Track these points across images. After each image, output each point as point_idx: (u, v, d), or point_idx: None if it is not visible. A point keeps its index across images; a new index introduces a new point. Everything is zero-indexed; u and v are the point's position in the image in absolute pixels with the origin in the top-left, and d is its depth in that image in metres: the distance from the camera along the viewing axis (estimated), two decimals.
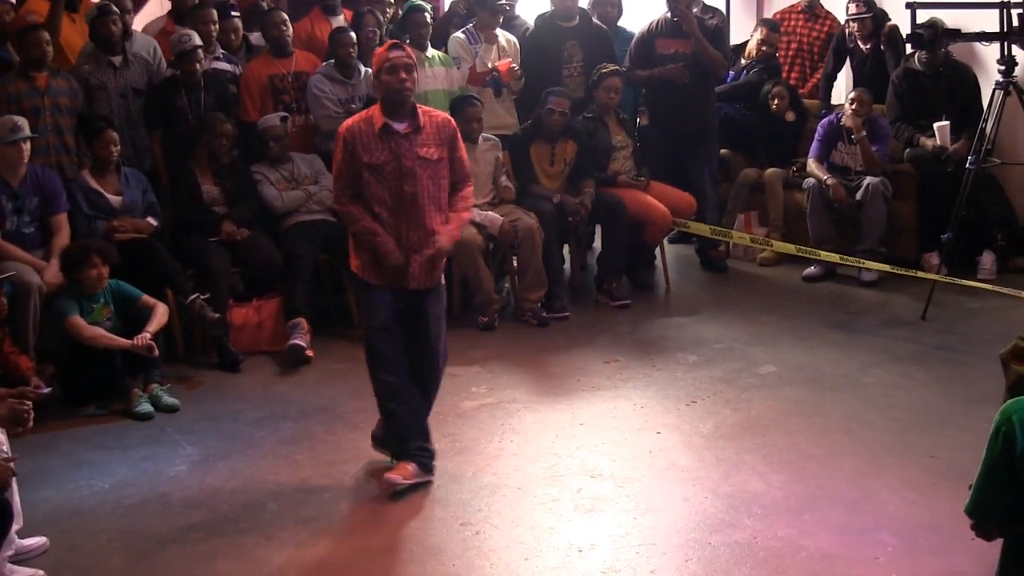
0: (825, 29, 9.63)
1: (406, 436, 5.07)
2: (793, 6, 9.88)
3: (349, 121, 5.06)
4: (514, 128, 8.02)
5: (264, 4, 8.77)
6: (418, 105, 5.06)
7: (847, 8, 8.89)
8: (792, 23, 9.72)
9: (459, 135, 5.15)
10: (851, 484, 4.86)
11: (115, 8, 7.44)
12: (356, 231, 5.03)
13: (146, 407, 6.05)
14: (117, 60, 7.44)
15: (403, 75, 4.92)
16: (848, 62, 9.16)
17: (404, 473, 4.97)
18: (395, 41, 5.20)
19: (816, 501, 4.71)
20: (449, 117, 5.21)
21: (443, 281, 5.27)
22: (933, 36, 7.92)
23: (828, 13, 9.72)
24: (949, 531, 4.28)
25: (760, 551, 4.31)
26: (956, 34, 7.47)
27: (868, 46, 8.88)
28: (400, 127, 4.95)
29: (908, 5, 7.04)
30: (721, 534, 4.46)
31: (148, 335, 6.15)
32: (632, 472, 5.07)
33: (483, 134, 7.62)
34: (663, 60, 8.29)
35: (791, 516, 4.58)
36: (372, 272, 5.04)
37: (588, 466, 5.15)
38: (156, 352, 6.23)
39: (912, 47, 8.13)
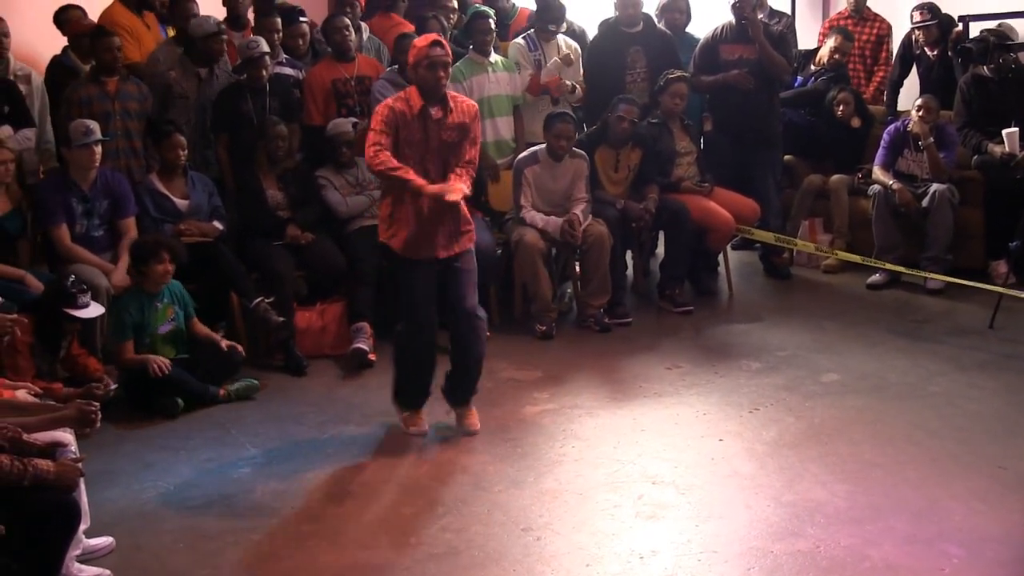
0: (875, 32, 9.62)
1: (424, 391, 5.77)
2: (840, 12, 9.91)
3: (390, 100, 5.46)
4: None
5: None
6: (448, 92, 5.47)
7: (911, 16, 8.83)
8: None
9: (478, 124, 5.59)
10: (916, 494, 4.81)
11: (223, 26, 7.64)
12: (392, 174, 5.34)
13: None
14: (204, 72, 7.57)
15: (441, 73, 5.36)
16: (915, 68, 9.08)
17: (421, 422, 5.76)
18: (436, 37, 5.48)
19: (880, 511, 4.67)
20: (474, 105, 5.61)
21: (471, 246, 5.66)
22: (983, 50, 7.87)
23: (876, 15, 9.71)
24: (1018, 542, 4.24)
25: (823, 560, 4.28)
26: (1008, 47, 7.41)
27: (935, 52, 8.81)
28: (435, 112, 5.41)
29: (960, 19, 6.99)
30: (784, 543, 4.43)
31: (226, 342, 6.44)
32: (694, 479, 5.06)
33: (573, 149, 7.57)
34: (728, 66, 8.26)
35: (854, 526, 4.54)
36: (404, 244, 5.46)
37: (650, 472, 5.14)
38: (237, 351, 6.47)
39: (962, 62, 8.09)
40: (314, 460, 5.47)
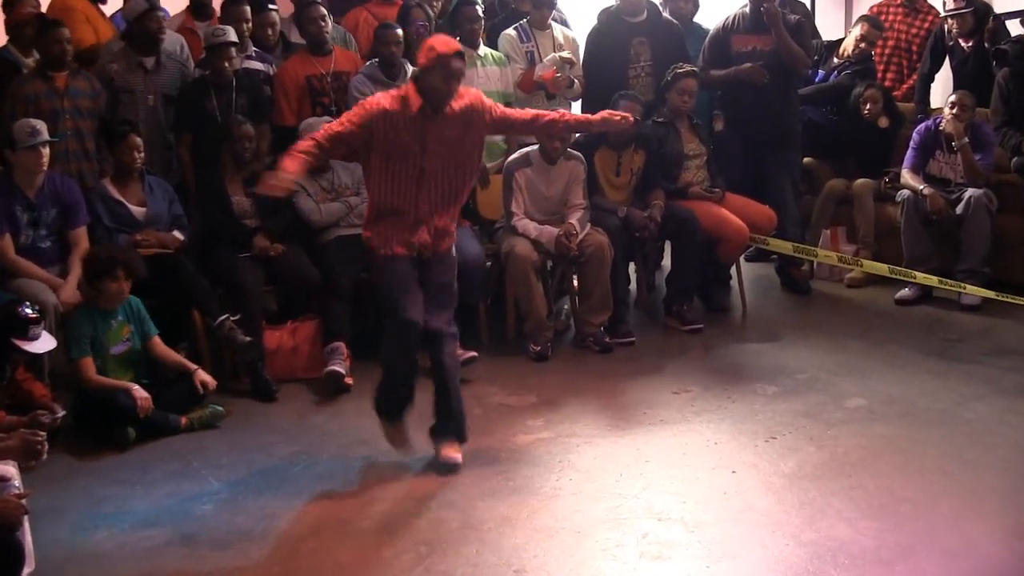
0: (926, 25, 9.58)
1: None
2: None
3: (385, 100, 5.49)
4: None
5: None
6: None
7: (944, 2, 8.82)
8: (890, 18, 9.68)
9: (486, 107, 5.62)
10: (950, 531, 4.81)
11: (162, 7, 7.57)
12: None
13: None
14: (149, 62, 7.55)
15: (454, 85, 5.43)
16: (947, 62, 9.09)
17: (402, 434, 5.84)
18: (460, 48, 5.52)
19: (911, 550, 4.66)
20: (479, 95, 5.65)
21: (453, 252, 5.85)
22: (1020, 53, 7.88)
23: (931, 7, 9.69)
24: None
25: None
26: None
27: (970, 44, 8.82)
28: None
29: (994, 17, 7.03)
30: None
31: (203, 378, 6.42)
32: (704, 515, 5.05)
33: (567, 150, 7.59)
34: (740, 59, 8.30)
35: (883, 567, 4.54)
36: (386, 242, 5.57)
37: (655, 508, 5.14)
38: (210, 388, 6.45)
39: (997, 65, 8.12)
40: (284, 495, 5.45)
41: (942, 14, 8.99)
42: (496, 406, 6.52)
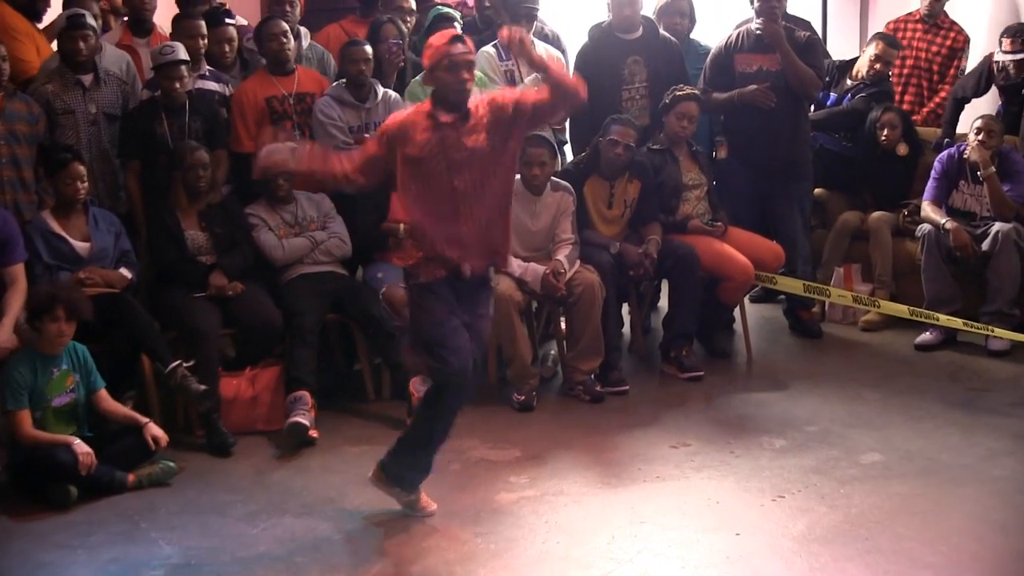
0: (947, 43, 9.63)
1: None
2: (910, 15, 9.89)
3: (401, 115, 5.62)
4: None
5: None
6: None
7: (1000, 41, 8.71)
8: (908, 35, 9.71)
9: (503, 99, 5.58)
10: None
11: (89, 20, 7.54)
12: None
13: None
14: (87, 79, 7.54)
15: (464, 75, 5.44)
16: (998, 96, 9.08)
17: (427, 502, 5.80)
18: (455, 32, 5.60)
19: None
20: (492, 93, 5.68)
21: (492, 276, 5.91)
22: None
23: (953, 24, 9.73)
24: None
25: None
26: None
27: None
28: (443, 117, 5.49)
29: None
30: None
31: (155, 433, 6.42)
32: None
33: (553, 179, 7.63)
34: (744, 80, 8.33)
35: None
36: (425, 267, 5.57)
37: (651, 574, 5.16)
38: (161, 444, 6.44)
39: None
40: (242, 560, 5.45)
41: (996, 56, 8.83)
42: (476, 461, 6.54)
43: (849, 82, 9.29)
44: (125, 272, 7.12)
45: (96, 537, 5.76)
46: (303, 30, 8.62)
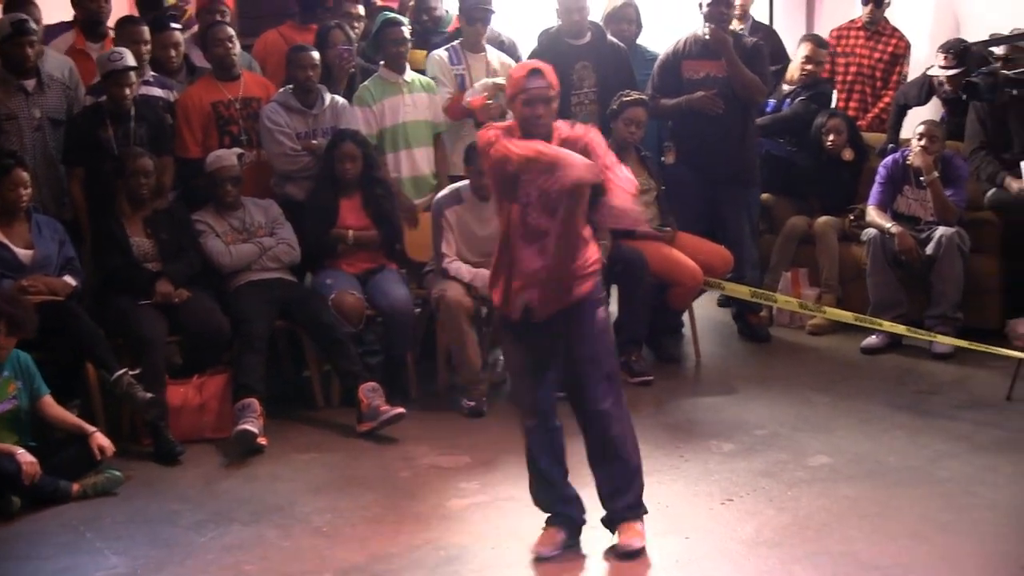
0: (889, 50, 9.70)
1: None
2: (852, 22, 9.95)
3: (492, 135, 5.23)
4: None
5: None
6: (556, 127, 5.25)
7: (937, 55, 8.77)
8: (851, 42, 9.79)
9: (594, 146, 5.26)
10: None
11: (33, 26, 7.48)
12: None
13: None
14: (30, 84, 7.48)
15: (540, 110, 5.18)
16: (941, 107, 9.14)
17: (550, 541, 5.39)
18: (535, 66, 5.31)
19: None
20: (583, 135, 5.29)
21: (597, 313, 5.52)
22: (992, 86, 7.96)
23: (895, 31, 9.80)
24: None
25: None
26: (1020, 83, 7.58)
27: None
28: None
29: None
30: None
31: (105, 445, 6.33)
32: None
33: None
34: (692, 86, 8.36)
35: None
36: (505, 300, 5.46)
37: None
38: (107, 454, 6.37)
39: (968, 98, 8.21)
40: (190, 569, 5.42)
41: (931, 71, 8.90)
42: (426, 468, 6.53)
43: (785, 87, 9.36)
44: (69, 280, 7.07)
45: (41, 548, 5.71)
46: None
